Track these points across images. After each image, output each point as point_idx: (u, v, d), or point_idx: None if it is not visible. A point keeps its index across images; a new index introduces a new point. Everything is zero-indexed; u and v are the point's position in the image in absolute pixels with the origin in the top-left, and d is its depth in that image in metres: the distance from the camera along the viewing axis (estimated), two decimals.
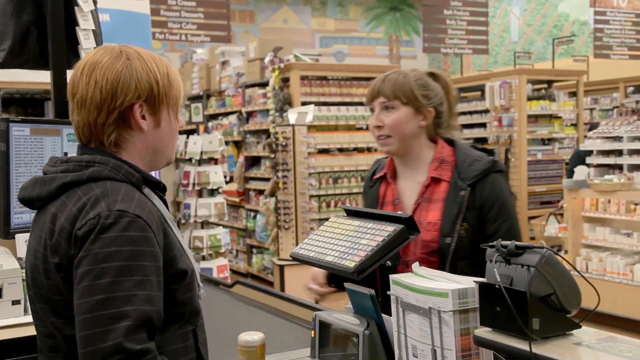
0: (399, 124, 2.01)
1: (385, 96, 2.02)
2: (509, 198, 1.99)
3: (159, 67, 1.42)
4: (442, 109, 2.07)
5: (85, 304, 1.24)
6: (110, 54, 1.39)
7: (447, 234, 1.93)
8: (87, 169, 1.35)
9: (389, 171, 2.12)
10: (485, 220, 1.95)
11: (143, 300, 1.25)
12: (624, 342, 1.17)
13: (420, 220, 1.96)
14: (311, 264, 1.74)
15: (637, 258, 5.88)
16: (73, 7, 2.55)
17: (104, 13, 4.38)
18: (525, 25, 14.35)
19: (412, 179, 2.06)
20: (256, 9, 14.32)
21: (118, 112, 1.37)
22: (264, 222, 7.45)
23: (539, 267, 1.20)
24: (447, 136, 2.09)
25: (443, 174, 2.00)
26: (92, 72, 1.37)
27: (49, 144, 2.33)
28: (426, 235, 1.95)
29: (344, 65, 10.24)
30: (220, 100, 8.73)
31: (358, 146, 7.32)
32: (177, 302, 1.37)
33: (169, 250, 1.35)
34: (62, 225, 1.30)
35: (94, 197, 1.30)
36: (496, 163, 1.98)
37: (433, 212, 1.97)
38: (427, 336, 1.36)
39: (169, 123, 1.46)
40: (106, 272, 1.24)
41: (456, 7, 8.66)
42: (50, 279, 1.32)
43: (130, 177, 1.37)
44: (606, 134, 6.13)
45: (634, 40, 9.61)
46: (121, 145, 1.40)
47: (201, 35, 6.90)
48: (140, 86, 1.38)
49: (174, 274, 1.36)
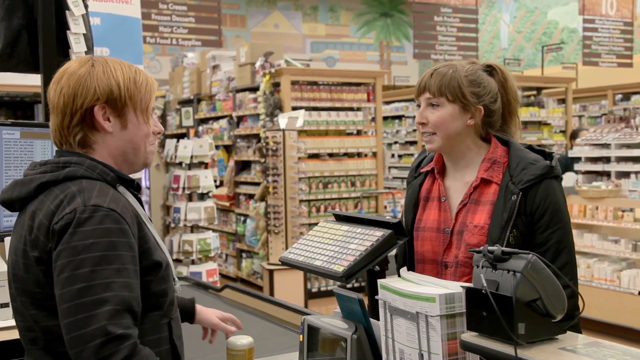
0: (443, 122, 1.88)
1: (431, 92, 1.89)
2: (564, 206, 1.86)
3: (124, 72, 1.49)
4: (495, 107, 1.92)
5: (67, 293, 1.31)
6: (78, 62, 1.49)
7: (495, 240, 1.80)
8: (64, 169, 1.43)
9: (437, 166, 1.99)
10: (537, 228, 1.83)
11: (122, 286, 1.32)
12: (608, 347, 1.19)
13: (465, 222, 1.87)
14: (300, 268, 1.75)
15: (625, 265, 5.93)
16: (64, 11, 2.55)
17: (94, 17, 4.38)
18: (515, 32, 14.45)
19: (459, 178, 1.95)
20: (247, 13, 14.33)
21: (80, 114, 1.45)
22: (253, 226, 7.45)
23: (524, 273, 1.22)
24: (503, 135, 1.95)
25: (494, 176, 1.88)
26: (60, 80, 1.47)
27: (39, 147, 2.33)
28: (471, 239, 1.84)
29: (334, 70, 10.27)
30: (210, 104, 8.73)
31: (348, 151, 7.34)
32: (152, 293, 1.43)
33: (143, 242, 1.42)
34: (41, 220, 1.38)
35: (70, 194, 1.38)
36: (552, 169, 1.85)
37: (480, 215, 1.86)
38: (414, 340, 1.37)
39: (137, 125, 1.51)
40: (85, 263, 1.31)
41: (446, 13, 8.71)
42: (30, 273, 1.39)
43: (105, 176, 1.45)
44: (594, 141, 6.19)
45: (622, 48, 9.70)
46: (91, 145, 1.48)
47: (192, 40, 6.91)
48: (100, 89, 1.45)
49: (149, 266, 1.42)
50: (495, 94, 1.92)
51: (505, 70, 1.97)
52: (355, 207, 7.35)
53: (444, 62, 1.97)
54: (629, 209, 5.77)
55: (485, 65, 1.96)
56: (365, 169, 7.42)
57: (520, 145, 1.92)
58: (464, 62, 1.95)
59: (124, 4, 4.83)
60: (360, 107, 7.48)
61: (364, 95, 7.51)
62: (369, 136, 7.50)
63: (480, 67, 1.94)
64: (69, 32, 2.55)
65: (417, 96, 1.94)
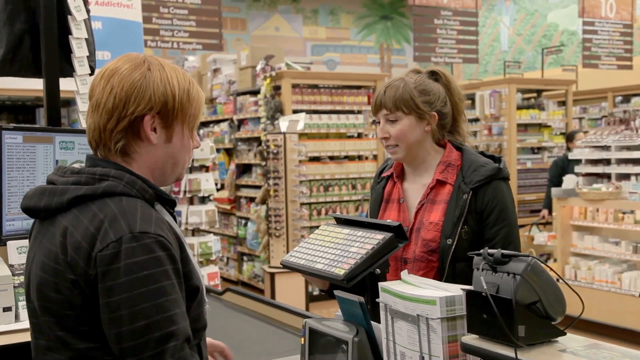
0: (404, 134, 2.05)
1: (387, 108, 2.05)
2: (510, 205, 2.03)
3: (179, 81, 1.40)
4: (446, 110, 2.09)
5: (129, 331, 1.24)
6: (132, 62, 1.38)
7: (448, 235, 1.97)
8: (101, 183, 1.32)
9: (396, 171, 2.17)
10: (485, 225, 1.99)
11: (181, 317, 1.28)
12: (608, 349, 1.20)
13: (422, 220, 2.03)
14: (301, 271, 1.76)
15: (625, 266, 5.93)
16: (66, 16, 2.56)
17: (96, 21, 4.39)
18: (515, 34, 14.46)
19: (418, 181, 2.11)
20: (248, 17, 14.36)
21: (128, 121, 1.35)
22: (254, 229, 7.46)
23: (524, 275, 1.23)
24: (457, 141, 2.12)
25: (448, 177, 2.04)
26: (111, 78, 1.36)
27: (41, 151, 2.34)
28: (427, 235, 2.00)
29: (335, 73, 10.28)
30: (211, 107, 8.74)
31: (349, 154, 7.35)
32: (190, 319, 1.35)
33: (184, 265, 1.35)
34: (79, 242, 1.27)
35: (110, 215, 1.28)
36: (501, 170, 2.03)
37: (435, 213, 2.02)
38: (415, 343, 1.38)
39: (181, 139, 1.43)
40: (144, 298, 1.24)
41: (447, 16, 8.72)
42: (61, 294, 1.29)
43: (144, 194, 1.35)
44: (594, 144, 6.19)
45: (621, 50, 9.71)
46: (130, 155, 1.39)
47: (193, 43, 6.92)
48: (155, 98, 1.36)
49: (189, 290, 1.36)
50: (444, 98, 2.09)
51: (447, 73, 2.12)
52: (356, 210, 7.36)
53: (394, 77, 2.11)
54: (630, 211, 5.77)
55: (429, 72, 2.11)
56: (366, 172, 7.42)
57: (473, 150, 2.10)
58: (411, 74, 2.11)
59: (125, 8, 4.85)
60: (361, 110, 7.49)
61: (365, 98, 7.52)
62: (369, 139, 7.51)
63: (426, 75, 2.10)
64: (71, 36, 2.56)
65: (375, 113, 2.09)
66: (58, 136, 2.38)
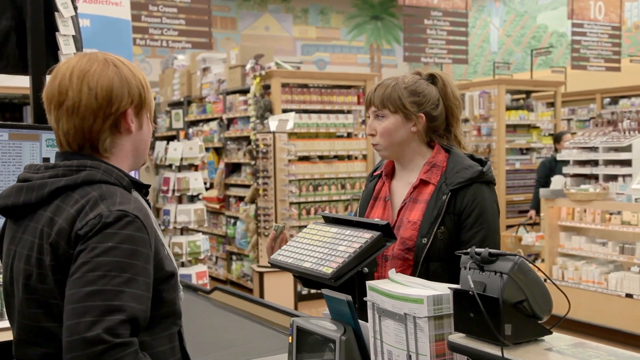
0: (388, 132, 2.07)
1: (375, 105, 2.08)
2: (490, 209, 2.02)
3: (138, 72, 1.48)
4: (436, 112, 2.10)
5: (75, 294, 1.26)
6: (97, 61, 1.42)
7: (424, 234, 1.97)
8: (80, 173, 1.37)
9: (386, 169, 2.19)
10: (463, 227, 1.99)
11: (131, 297, 1.28)
12: (594, 348, 1.20)
13: (403, 218, 2.04)
14: (289, 270, 1.76)
15: (612, 267, 5.96)
16: (53, 13, 2.54)
17: (84, 18, 4.37)
18: (505, 36, 14.52)
19: (404, 180, 2.13)
20: (238, 16, 14.33)
21: (113, 118, 1.41)
22: (243, 228, 7.44)
23: (511, 274, 1.23)
24: (446, 144, 2.12)
25: (432, 178, 2.05)
26: (84, 79, 1.39)
27: (28, 149, 2.32)
28: (405, 233, 2.00)
29: (325, 73, 10.28)
30: (201, 106, 8.71)
31: (338, 154, 7.35)
32: (165, 301, 1.40)
33: (158, 252, 1.39)
34: (61, 226, 1.32)
35: (92, 199, 1.33)
36: (483, 174, 2.02)
37: (415, 212, 2.02)
38: (402, 342, 1.38)
39: (148, 125, 1.52)
40: (99, 266, 1.27)
41: (437, 17, 8.74)
42: (47, 283, 1.33)
43: (121, 181, 1.41)
44: (582, 145, 6.23)
45: (610, 52, 9.77)
46: (111, 150, 1.45)
47: (182, 42, 6.90)
48: (132, 92, 1.43)
49: (163, 276, 1.39)
50: (436, 101, 2.09)
51: (445, 78, 2.15)
52: (345, 210, 7.36)
53: (389, 77, 2.14)
54: (617, 212, 5.81)
55: (428, 75, 2.13)
56: (356, 172, 7.43)
57: (461, 153, 2.10)
58: (408, 74, 2.14)
59: (113, 5, 4.82)
60: (351, 110, 7.50)
61: (354, 98, 7.52)
62: (359, 139, 7.52)
63: (424, 77, 2.12)
64: (58, 33, 2.54)
65: (366, 109, 2.14)
66: (45, 134, 2.36)
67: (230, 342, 2.36)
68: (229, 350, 2.21)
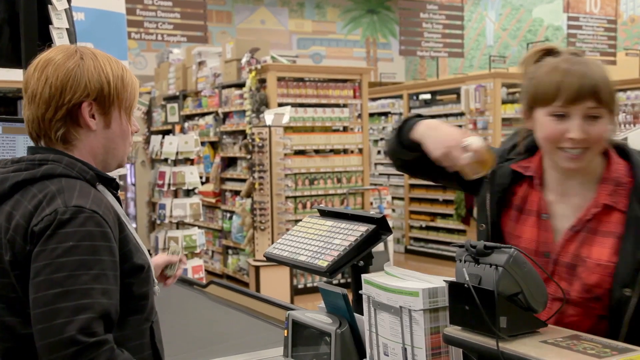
0: (602, 138, 1.52)
1: (597, 100, 1.48)
2: None
3: (112, 68, 1.44)
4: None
5: (42, 297, 1.24)
6: (64, 52, 1.42)
7: (627, 282, 1.47)
8: (41, 167, 1.37)
9: (538, 174, 1.63)
10: None
11: (100, 293, 1.27)
12: (588, 340, 1.20)
13: (579, 254, 1.53)
14: (285, 263, 1.75)
15: None
16: (46, 5, 2.53)
17: (78, 12, 4.35)
18: (501, 29, 14.51)
19: (567, 197, 1.59)
20: (233, 9, 14.28)
21: (66, 109, 1.39)
22: (239, 223, 7.44)
23: (506, 267, 1.23)
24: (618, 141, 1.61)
25: (618, 202, 1.52)
26: (45, 69, 1.40)
27: (22, 142, 2.31)
28: (590, 277, 1.50)
29: (321, 67, 10.27)
30: (196, 100, 8.69)
31: (334, 148, 7.35)
32: (134, 295, 1.39)
33: (124, 245, 1.38)
34: (18, 222, 1.31)
35: (50, 194, 1.32)
36: None
37: (601, 249, 1.51)
38: (397, 335, 1.38)
39: (120, 125, 1.47)
40: (63, 267, 1.25)
41: (432, 10, 8.73)
42: (6, 277, 1.32)
43: (85, 174, 1.39)
44: None
45: (605, 45, 9.78)
46: (71, 142, 1.42)
47: (177, 36, 6.88)
48: (90, 85, 1.40)
49: (130, 268, 1.38)
50: None
51: None
52: (341, 204, 7.36)
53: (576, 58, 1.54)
54: None
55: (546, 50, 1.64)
56: (352, 166, 7.43)
57: None
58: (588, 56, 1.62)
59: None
60: (347, 104, 7.49)
61: (350, 91, 7.52)
62: (355, 133, 7.51)
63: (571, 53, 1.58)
64: (51, 26, 2.52)
65: (569, 104, 1.49)
66: None
67: (226, 336, 2.36)
68: (225, 344, 2.21)
